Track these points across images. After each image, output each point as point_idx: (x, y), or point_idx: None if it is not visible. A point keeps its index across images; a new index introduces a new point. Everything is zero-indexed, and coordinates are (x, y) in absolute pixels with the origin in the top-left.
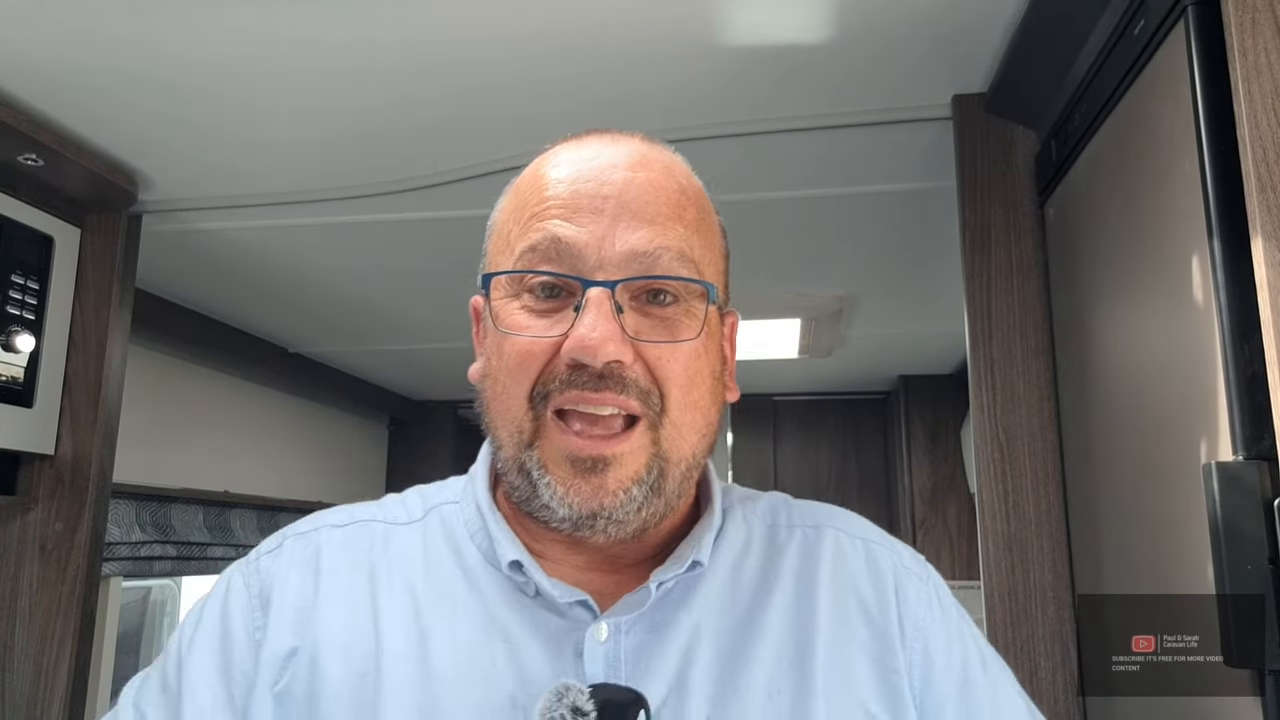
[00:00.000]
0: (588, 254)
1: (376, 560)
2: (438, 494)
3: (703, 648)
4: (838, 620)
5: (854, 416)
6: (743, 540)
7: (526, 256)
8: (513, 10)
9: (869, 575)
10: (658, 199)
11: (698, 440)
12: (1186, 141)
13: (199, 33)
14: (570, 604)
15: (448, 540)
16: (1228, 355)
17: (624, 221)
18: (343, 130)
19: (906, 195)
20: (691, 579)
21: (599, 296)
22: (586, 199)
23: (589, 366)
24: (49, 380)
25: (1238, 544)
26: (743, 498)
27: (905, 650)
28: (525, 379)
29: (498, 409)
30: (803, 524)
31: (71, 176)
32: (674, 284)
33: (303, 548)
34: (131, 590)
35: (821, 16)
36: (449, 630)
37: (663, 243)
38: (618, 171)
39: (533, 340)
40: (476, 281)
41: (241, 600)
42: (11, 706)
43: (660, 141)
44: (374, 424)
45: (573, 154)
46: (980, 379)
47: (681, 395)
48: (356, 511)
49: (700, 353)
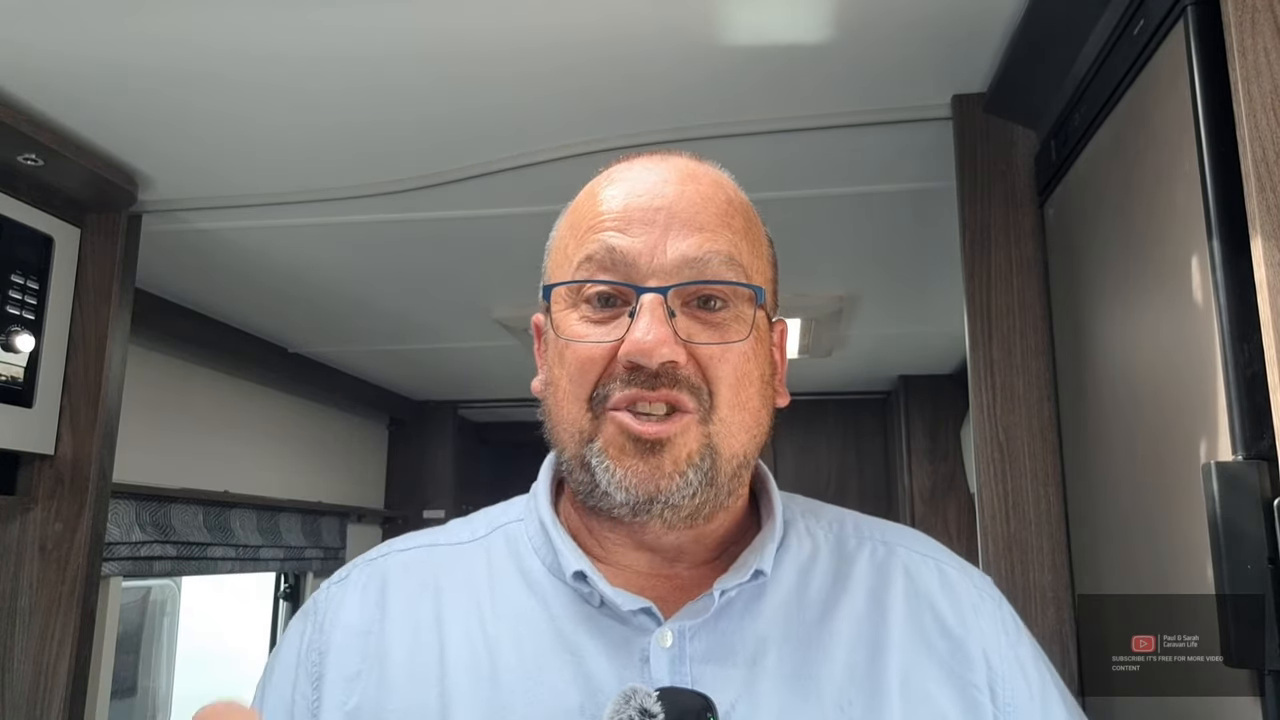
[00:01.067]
0: (641, 262)
1: (441, 579)
2: (503, 514)
3: (770, 658)
4: (912, 633)
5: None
6: (809, 550)
7: (584, 267)
8: (514, 11)
9: (944, 592)
10: (706, 208)
11: (748, 439)
12: (1186, 141)
13: (199, 33)
14: (634, 612)
15: (512, 555)
16: (1227, 355)
17: (675, 230)
18: (343, 130)
19: (906, 195)
20: (756, 588)
21: (652, 302)
22: (639, 211)
23: (645, 368)
24: (49, 380)
25: (1237, 544)
26: (805, 510)
27: (988, 669)
28: (586, 383)
29: (559, 414)
30: (871, 538)
31: (71, 176)
32: (723, 288)
33: (369, 575)
34: (131, 590)
35: (821, 16)
36: (514, 642)
37: (712, 248)
38: (669, 185)
39: (592, 346)
40: (538, 296)
41: (304, 629)
42: (11, 706)
43: (708, 161)
44: (374, 424)
45: (625, 173)
46: (980, 379)
47: (731, 395)
48: (421, 537)
49: (749, 355)
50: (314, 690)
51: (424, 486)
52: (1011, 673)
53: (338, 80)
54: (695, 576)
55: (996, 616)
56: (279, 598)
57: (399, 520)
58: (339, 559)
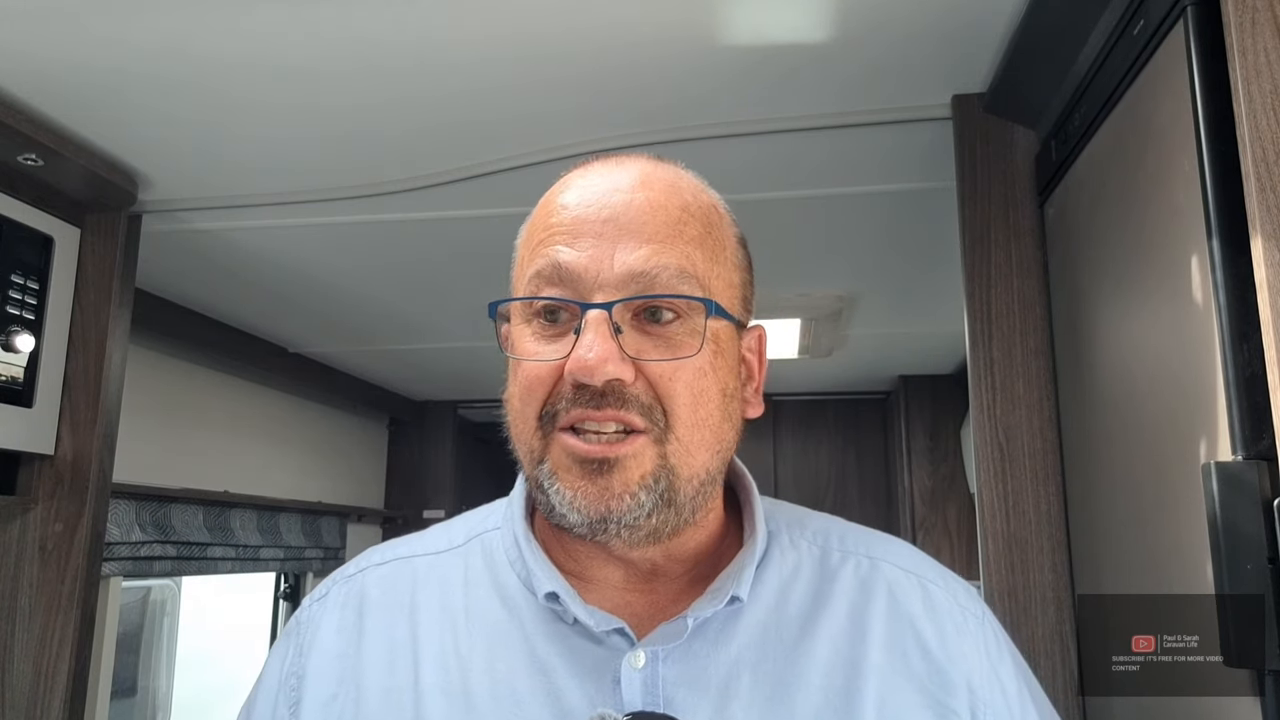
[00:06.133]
0: (587, 277)
1: (418, 595)
2: (482, 521)
3: (744, 682)
4: (892, 656)
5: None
6: (791, 566)
7: (534, 282)
8: (514, 10)
9: (926, 613)
10: (656, 218)
11: (709, 456)
12: (1186, 141)
13: (200, 33)
14: (607, 632)
15: (488, 567)
16: (1227, 355)
17: (623, 242)
18: (343, 130)
19: (906, 195)
20: (732, 611)
21: (596, 318)
22: (587, 223)
23: (590, 386)
24: (49, 380)
25: (1237, 544)
26: (790, 520)
27: (970, 694)
28: (534, 401)
29: (514, 432)
30: (856, 552)
31: (71, 176)
32: (672, 301)
33: (347, 593)
34: (131, 590)
35: (821, 17)
36: (488, 661)
37: (660, 261)
38: (619, 194)
39: (539, 364)
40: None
41: (285, 652)
42: (11, 706)
43: (670, 160)
44: (374, 424)
45: (580, 180)
46: (980, 379)
47: (688, 413)
48: (399, 548)
49: (705, 370)
50: (292, 714)
51: (424, 486)
52: (993, 696)
53: (337, 81)
54: (673, 593)
55: (979, 636)
56: (279, 598)
57: (399, 520)
58: (339, 559)
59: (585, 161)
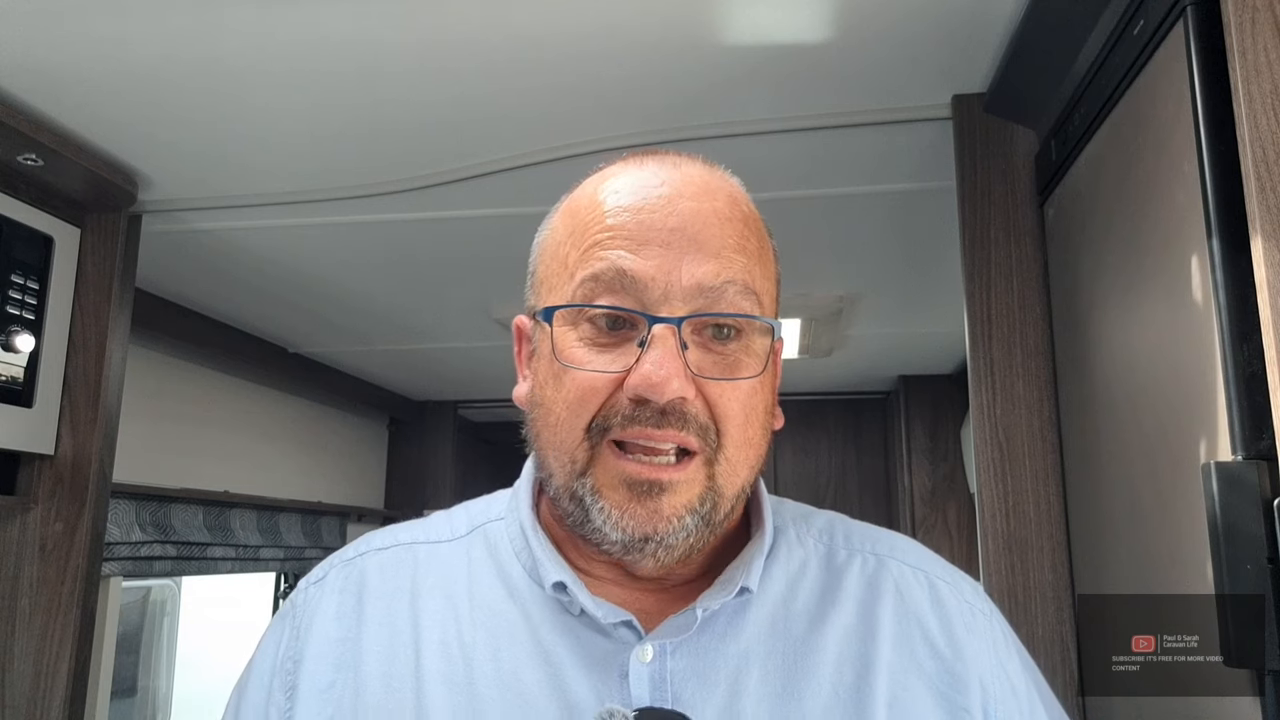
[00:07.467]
0: (653, 287)
1: (419, 582)
2: (484, 512)
3: (753, 676)
4: (902, 653)
5: (854, 416)
6: (798, 561)
7: (588, 285)
8: (513, 10)
9: (934, 610)
10: (723, 231)
11: (749, 474)
12: (1186, 141)
13: (200, 33)
14: (615, 624)
15: (492, 558)
16: (1227, 355)
17: (690, 254)
18: (343, 130)
19: (907, 195)
20: (740, 602)
21: (665, 333)
22: (652, 230)
23: (652, 403)
24: (49, 380)
25: (1237, 544)
26: (796, 516)
27: (982, 692)
28: (585, 413)
29: (550, 439)
30: (862, 549)
31: (71, 176)
32: (737, 319)
33: (346, 576)
34: (131, 590)
35: (821, 16)
36: (492, 650)
37: (728, 276)
38: (683, 201)
39: (595, 375)
40: (528, 300)
41: (280, 635)
42: (11, 706)
43: (719, 166)
44: (374, 424)
45: (633, 178)
46: (980, 379)
47: (738, 433)
48: (400, 533)
49: (757, 389)
50: (288, 701)
51: (424, 486)
52: (1004, 693)
53: (338, 81)
54: (681, 588)
55: (988, 633)
56: (279, 597)
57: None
58: None
59: (626, 157)
